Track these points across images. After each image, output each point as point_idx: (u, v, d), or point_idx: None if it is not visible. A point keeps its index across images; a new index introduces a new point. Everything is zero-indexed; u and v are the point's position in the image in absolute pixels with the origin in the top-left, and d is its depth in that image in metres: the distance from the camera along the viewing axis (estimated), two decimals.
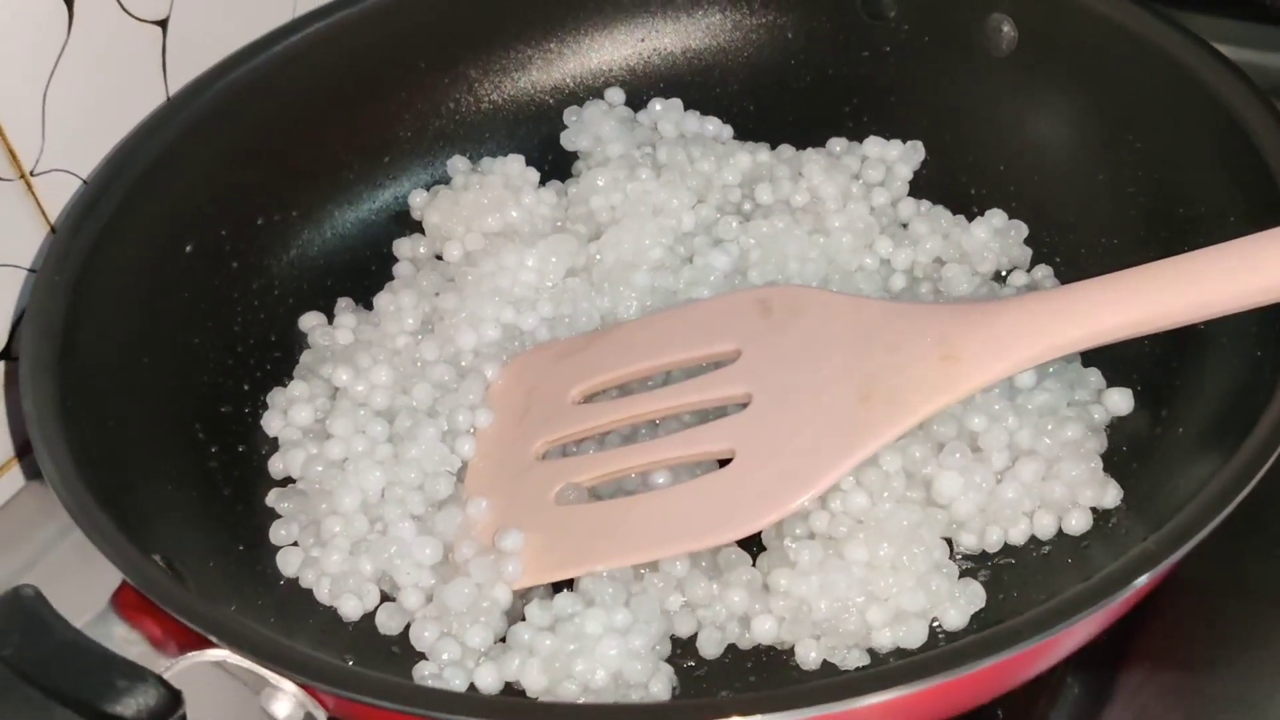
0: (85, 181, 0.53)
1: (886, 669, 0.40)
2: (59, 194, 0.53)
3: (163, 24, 0.55)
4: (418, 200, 0.57)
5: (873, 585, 0.43)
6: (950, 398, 0.44)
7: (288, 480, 0.50)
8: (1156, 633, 0.46)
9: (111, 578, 0.41)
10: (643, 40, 0.60)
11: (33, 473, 0.55)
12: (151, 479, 0.46)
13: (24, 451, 0.55)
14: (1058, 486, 0.45)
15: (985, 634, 0.37)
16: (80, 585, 0.43)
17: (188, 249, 0.51)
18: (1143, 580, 0.38)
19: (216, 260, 0.52)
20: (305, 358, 0.53)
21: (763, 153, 0.57)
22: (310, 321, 0.54)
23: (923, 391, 0.44)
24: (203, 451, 0.49)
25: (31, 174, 0.52)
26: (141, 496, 0.45)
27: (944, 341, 0.44)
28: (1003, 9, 0.54)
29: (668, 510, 0.45)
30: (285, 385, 0.52)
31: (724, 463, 0.46)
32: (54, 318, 0.46)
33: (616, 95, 0.60)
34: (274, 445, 0.51)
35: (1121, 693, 0.45)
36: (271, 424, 0.51)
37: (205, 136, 0.52)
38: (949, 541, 0.45)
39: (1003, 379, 0.44)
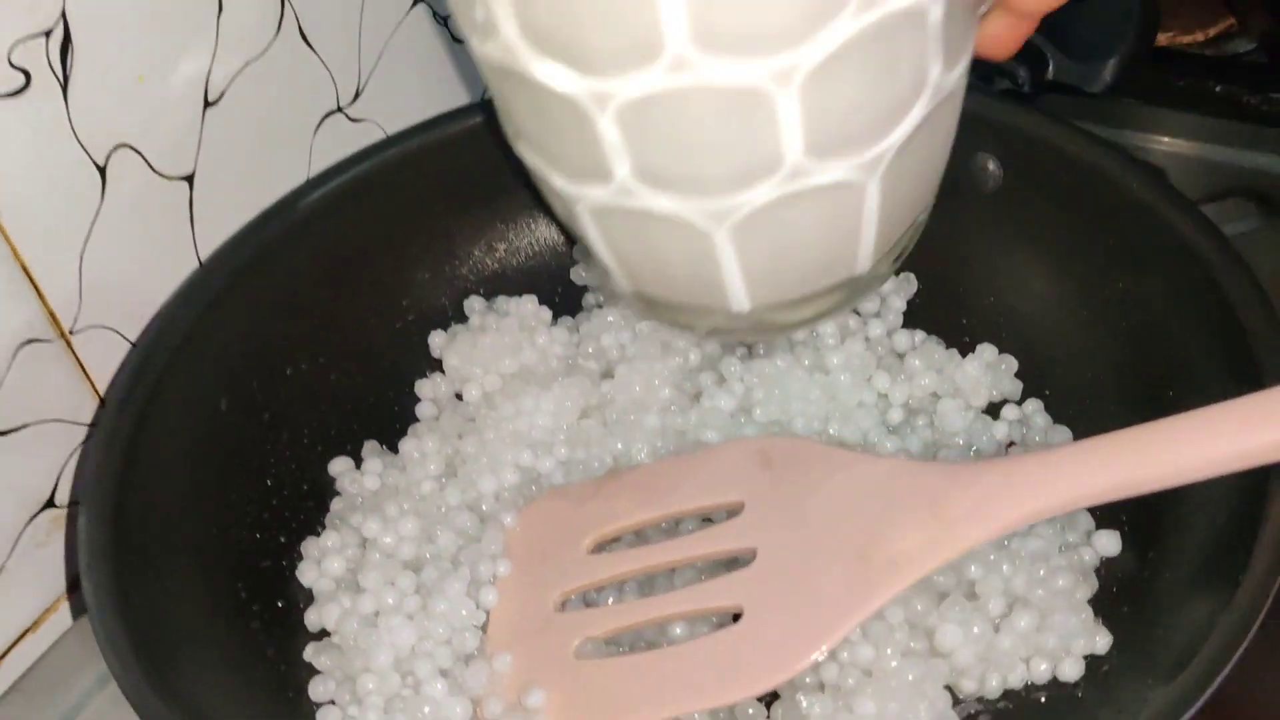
0: (133, 344, 0.56)
1: None
2: (96, 349, 0.56)
3: (189, 179, 0.57)
4: (436, 341, 0.60)
5: None
6: (941, 560, 0.46)
7: (324, 632, 0.52)
8: None
9: None
10: None
11: (80, 610, 0.58)
12: (197, 642, 0.49)
13: (73, 588, 0.58)
14: (1051, 637, 0.48)
15: None
16: None
17: (223, 405, 0.54)
18: None
19: (249, 414, 0.55)
20: (336, 505, 0.56)
21: None
22: (339, 467, 0.57)
23: (917, 554, 0.46)
24: (246, 610, 0.52)
25: (70, 333, 0.54)
26: (185, 659, 0.47)
27: (935, 504, 0.47)
28: (988, 149, 0.56)
29: (684, 667, 0.48)
30: (319, 534, 0.54)
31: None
32: (108, 487, 0.49)
33: None
34: (309, 596, 0.53)
35: None
36: (306, 575, 0.54)
37: (236, 297, 0.55)
38: (949, 688, 0.48)
39: (989, 540, 0.47)
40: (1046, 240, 0.56)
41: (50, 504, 0.56)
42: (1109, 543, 0.50)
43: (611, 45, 0.37)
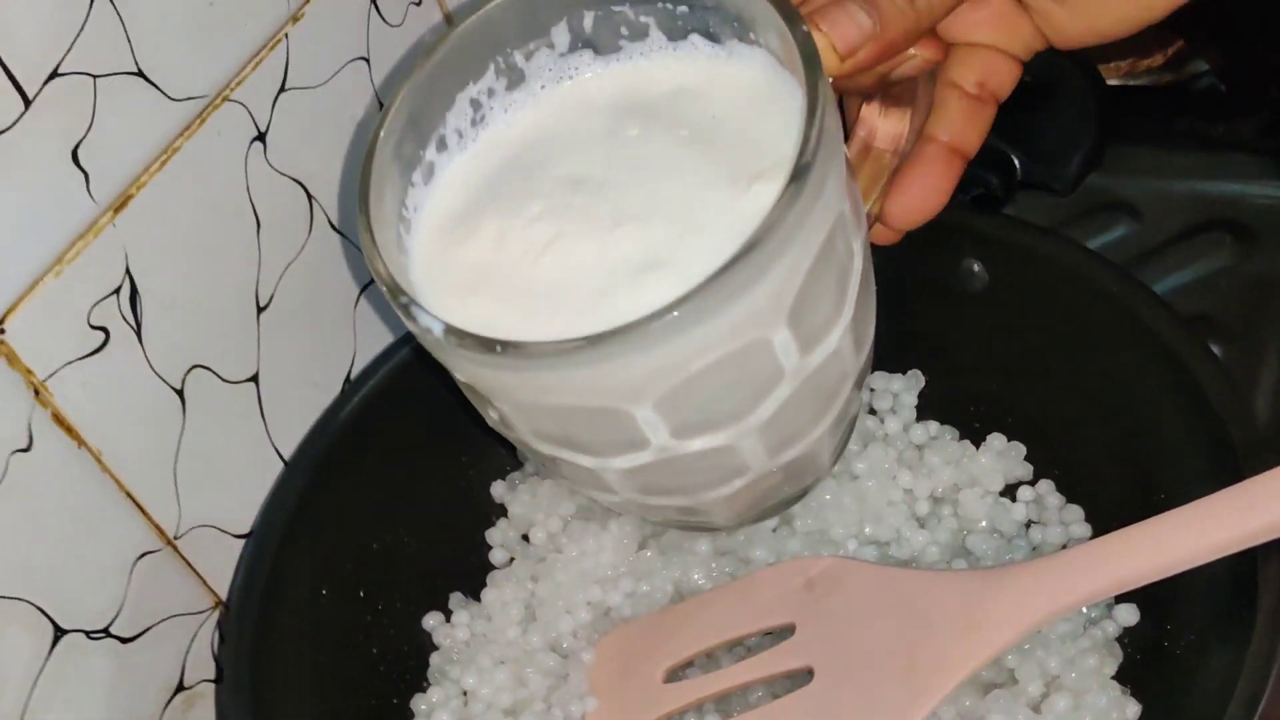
0: (242, 536, 0.63)
1: None
2: (200, 546, 0.62)
3: (254, 379, 0.63)
4: (498, 490, 0.66)
5: None
6: (981, 662, 0.52)
7: None
8: None
9: None
10: None
11: None
12: None
13: None
14: (1087, 716, 0.53)
15: None
16: None
17: (324, 592, 0.60)
18: None
19: (347, 594, 0.61)
20: (435, 659, 0.62)
21: None
22: (431, 622, 0.63)
23: (959, 659, 0.52)
24: None
25: (176, 538, 0.61)
26: None
27: (970, 612, 0.52)
28: (971, 254, 0.61)
29: None
30: (424, 690, 0.61)
31: None
32: (243, 695, 0.55)
33: None
34: None
35: None
36: None
37: (320, 492, 0.61)
38: None
39: (1020, 641, 0.53)
40: (1032, 334, 0.61)
41: (180, 688, 0.63)
42: (1128, 614, 0.56)
43: (608, 447, 0.49)
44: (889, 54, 0.51)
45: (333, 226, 0.66)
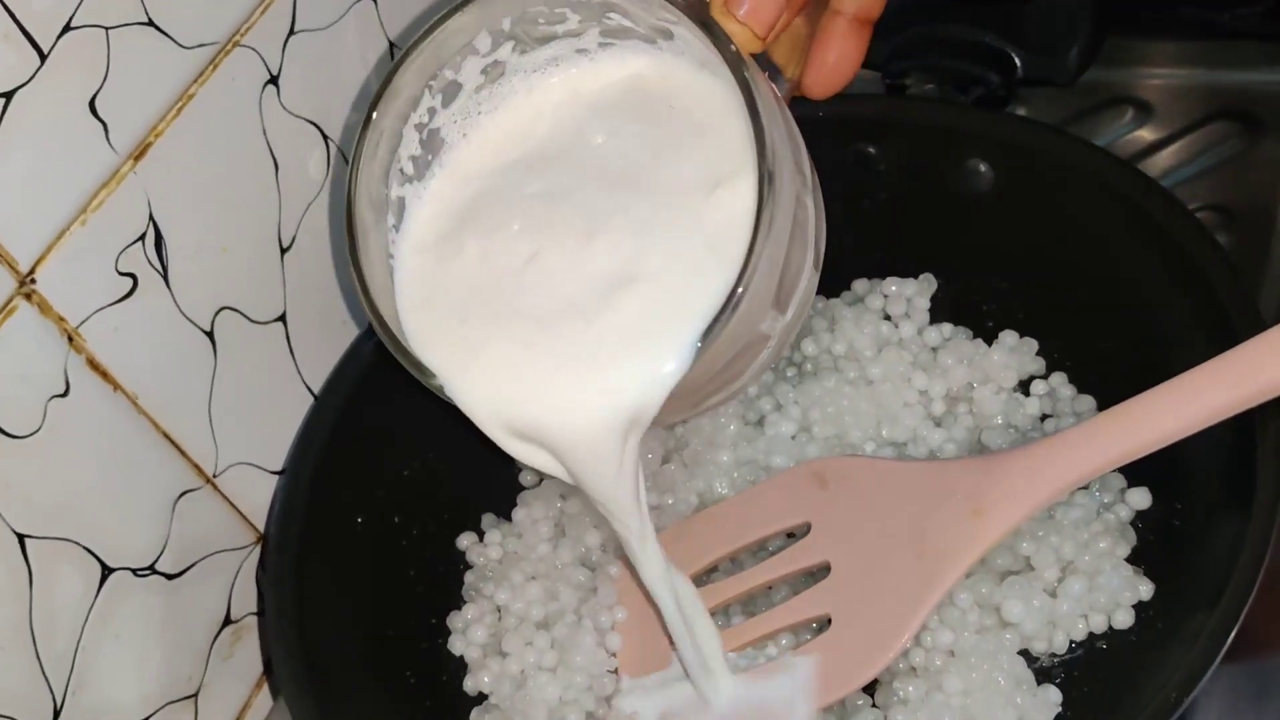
0: (278, 472, 0.65)
1: None
2: (240, 482, 0.64)
3: (282, 319, 0.65)
4: None
5: (971, 709, 0.53)
6: (987, 545, 0.54)
7: (482, 695, 0.61)
8: None
9: None
10: None
11: (276, 692, 0.67)
12: None
13: (268, 670, 0.67)
14: (1102, 595, 0.55)
15: None
16: None
17: (359, 520, 0.62)
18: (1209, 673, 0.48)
19: (382, 521, 0.63)
20: (469, 578, 0.64)
21: None
22: (465, 542, 0.65)
23: (963, 544, 0.53)
24: (417, 692, 0.60)
25: (215, 476, 0.63)
26: None
27: (971, 498, 0.54)
28: (976, 154, 0.62)
29: None
30: (460, 608, 0.63)
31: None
32: (287, 623, 0.57)
33: None
34: (463, 664, 0.62)
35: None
36: (455, 646, 0.62)
37: (349, 423, 0.63)
38: (1023, 653, 0.55)
39: (1024, 522, 0.54)
40: (1040, 231, 0.62)
41: (228, 621, 0.65)
42: (1140, 498, 0.57)
43: None
44: (801, 6, 0.52)
45: (347, 160, 0.67)
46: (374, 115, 0.53)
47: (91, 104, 0.53)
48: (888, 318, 0.65)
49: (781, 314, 0.51)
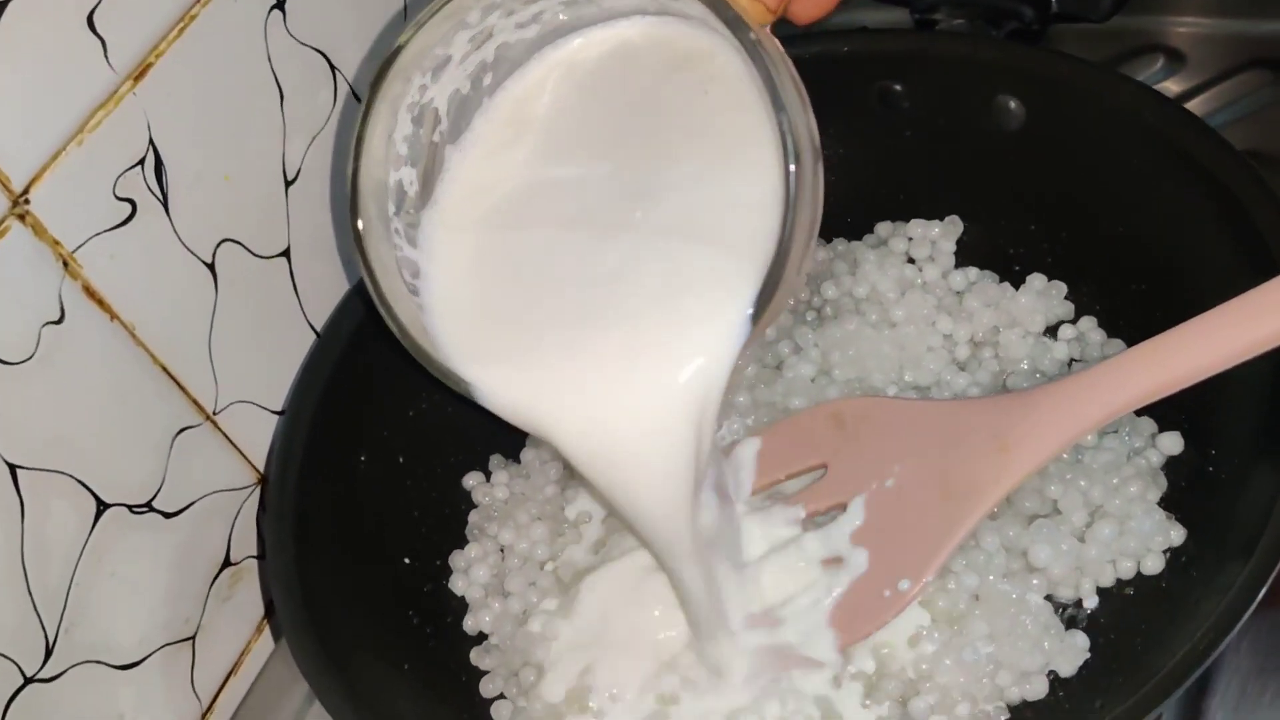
0: (278, 412, 0.63)
1: None
2: (240, 421, 0.62)
3: (286, 254, 0.63)
4: None
5: (997, 654, 0.51)
6: (1010, 484, 0.52)
7: (483, 635, 0.59)
8: None
9: None
10: None
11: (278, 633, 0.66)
12: (386, 670, 0.56)
13: (270, 611, 0.66)
14: (1132, 540, 0.53)
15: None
16: None
17: (363, 459, 0.60)
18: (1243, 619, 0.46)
19: (387, 461, 0.61)
20: (473, 517, 0.62)
21: (821, 250, 0.64)
22: (471, 481, 0.63)
23: (987, 482, 0.52)
24: (420, 632, 0.58)
25: (215, 414, 0.61)
26: (378, 686, 0.54)
27: (996, 435, 0.52)
28: (1007, 91, 0.60)
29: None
30: (463, 548, 0.61)
31: None
32: (286, 561, 0.55)
33: None
34: (464, 603, 0.60)
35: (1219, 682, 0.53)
36: (456, 585, 0.60)
37: (354, 361, 0.60)
38: (1049, 598, 0.54)
39: (1051, 460, 0.52)
40: (1072, 171, 0.60)
41: (228, 563, 0.63)
42: (1172, 443, 0.55)
43: None
44: None
45: (357, 98, 0.65)
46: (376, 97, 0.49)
47: (90, 19, 0.51)
48: (911, 261, 0.63)
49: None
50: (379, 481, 0.60)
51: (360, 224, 0.49)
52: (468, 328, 0.49)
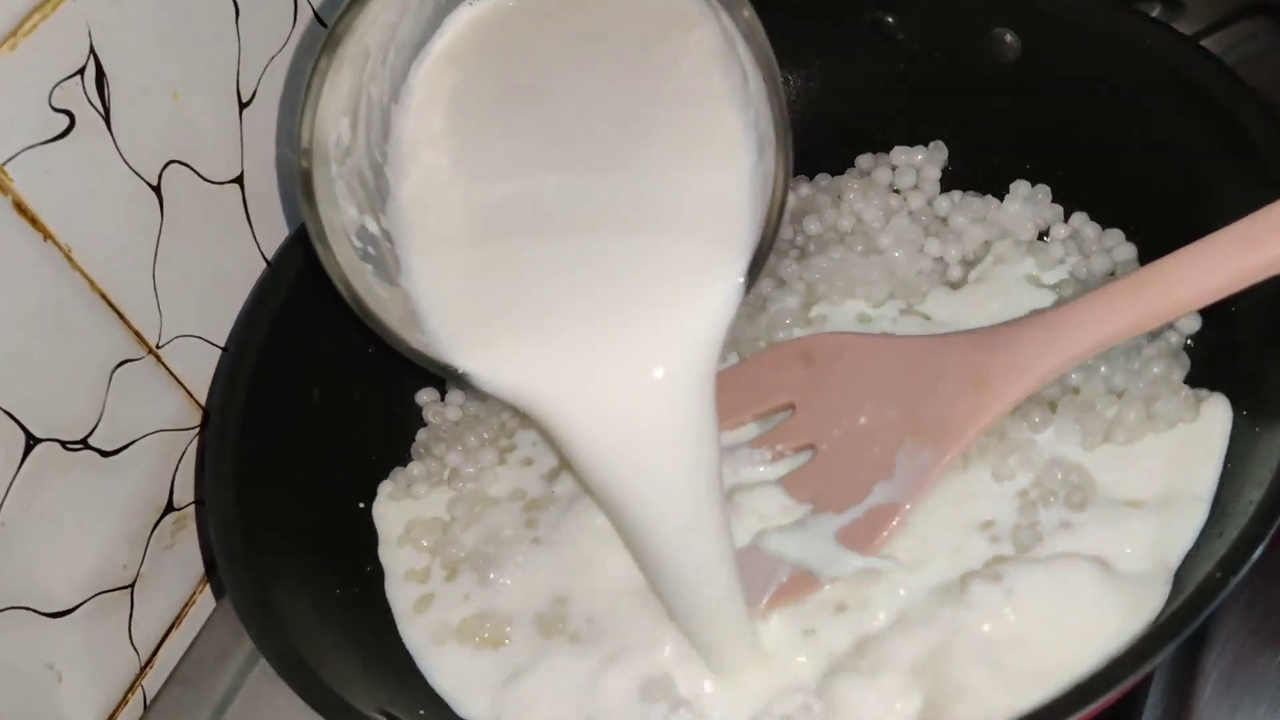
0: (222, 348, 0.59)
1: None
2: (185, 357, 0.58)
3: (239, 180, 0.59)
4: None
5: None
6: (988, 419, 0.49)
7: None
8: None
9: None
10: None
11: (221, 590, 0.62)
12: (328, 615, 0.52)
13: (211, 569, 0.62)
14: (1160, 423, 0.51)
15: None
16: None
17: (316, 395, 0.57)
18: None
19: (343, 398, 0.58)
20: (421, 435, 0.59)
21: (804, 186, 0.61)
22: (425, 398, 0.60)
23: (964, 419, 0.49)
24: (375, 587, 0.55)
25: (158, 347, 0.57)
26: (321, 640, 0.50)
27: (974, 370, 0.50)
28: (1003, 23, 0.57)
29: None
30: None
31: None
32: (228, 496, 0.52)
33: None
34: None
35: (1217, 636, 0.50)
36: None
37: (310, 290, 0.56)
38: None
39: (1032, 393, 0.50)
40: (1069, 103, 0.57)
41: (170, 508, 0.59)
42: (1190, 321, 0.53)
43: None
44: None
45: (322, 23, 0.62)
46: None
47: None
48: (897, 192, 0.60)
49: None
50: (335, 418, 0.57)
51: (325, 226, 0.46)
52: (460, 317, 0.47)
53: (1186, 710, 0.49)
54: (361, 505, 0.57)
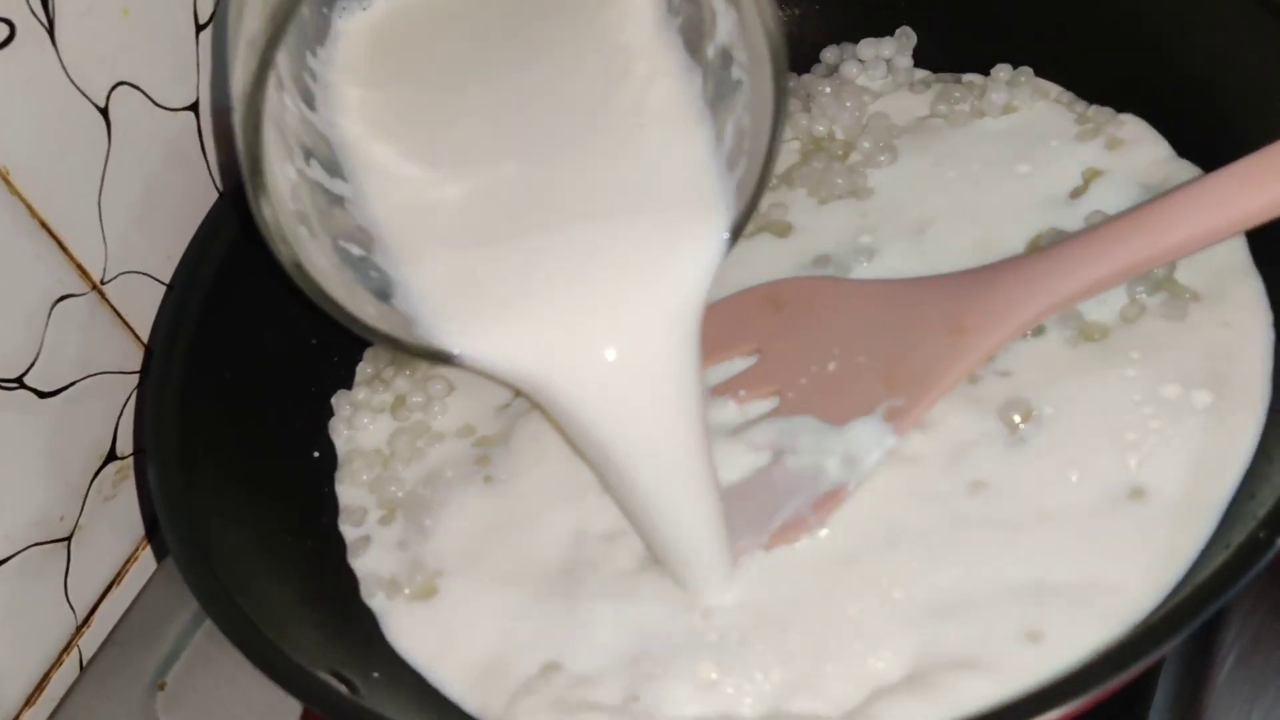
0: (168, 286, 0.55)
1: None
2: (131, 295, 0.55)
3: (193, 108, 0.55)
4: None
5: None
6: (965, 366, 0.47)
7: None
8: None
9: None
10: None
11: (163, 551, 0.58)
12: (279, 570, 0.49)
13: (152, 531, 0.58)
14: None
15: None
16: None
17: (266, 336, 0.53)
18: None
19: (295, 341, 0.54)
20: (367, 354, 0.56)
21: None
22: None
23: (939, 366, 0.47)
24: (327, 543, 0.51)
25: (102, 283, 0.53)
26: (269, 593, 0.47)
27: (950, 316, 0.47)
28: None
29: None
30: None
31: None
32: (168, 426, 0.48)
33: None
34: None
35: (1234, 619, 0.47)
36: (336, 429, 0.54)
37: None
38: None
39: (1009, 341, 0.47)
40: None
41: (113, 456, 0.56)
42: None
43: None
44: None
45: None
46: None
47: None
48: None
49: None
50: (285, 362, 0.53)
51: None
52: (448, 305, 0.45)
53: (1201, 693, 0.46)
54: (317, 454, 0.53)
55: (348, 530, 0.52)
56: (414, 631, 0.48)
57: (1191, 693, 0.47)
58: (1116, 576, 0.43)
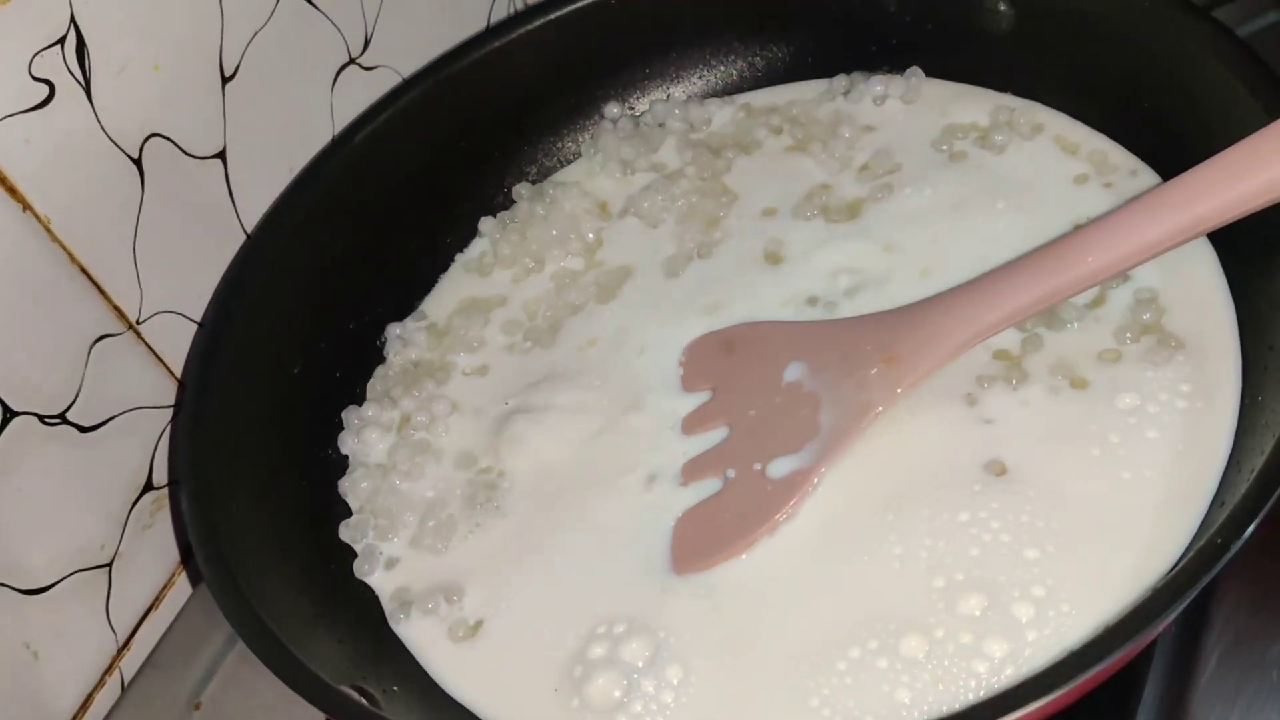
0: (199, 324, 0.58)
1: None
2: (166, 334, 0.58)
3: (221, 156, 0.59)
4: (486, 227, 0.63)
5: None
6: (899, 389, 0.50)
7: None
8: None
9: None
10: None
11: (198, 577, 0.61)
12: (311, 614, 0.51)
13: (187, 557, 0.61)
14: None
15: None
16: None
17: (297, 370, 0.56)
18: None
19: (324, 375, 0.57)
20: (379, 372, 0.59)
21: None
22: (396, 330, 0.60)
23: (873, 392, 0.50)
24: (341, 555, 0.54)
25: (138, 323, 0.56)
26: (297, 619, 0.50)
27: (884, 347, 0.51)
28: None
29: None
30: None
31: None
32: (200, 457, 0.51)
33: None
34: None
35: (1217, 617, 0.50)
36: (346, 443, 0.57)
37: (285, 265, 0.56)
38: None
39: (941, 367, 0.50)
40: (1071, 70, 0.57)
41: (149, 487, 0.59)
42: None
43: None
44: None
45: None
46: None
47: None
48: None
49: None
50: (314, 394, 0.56)
51: None
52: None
53: (1187, 690, 0.48)
54: (337, 479, 0.56)
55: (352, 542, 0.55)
56: (442, 649, 0.51)
57: (1178, 690, 0.49)
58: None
